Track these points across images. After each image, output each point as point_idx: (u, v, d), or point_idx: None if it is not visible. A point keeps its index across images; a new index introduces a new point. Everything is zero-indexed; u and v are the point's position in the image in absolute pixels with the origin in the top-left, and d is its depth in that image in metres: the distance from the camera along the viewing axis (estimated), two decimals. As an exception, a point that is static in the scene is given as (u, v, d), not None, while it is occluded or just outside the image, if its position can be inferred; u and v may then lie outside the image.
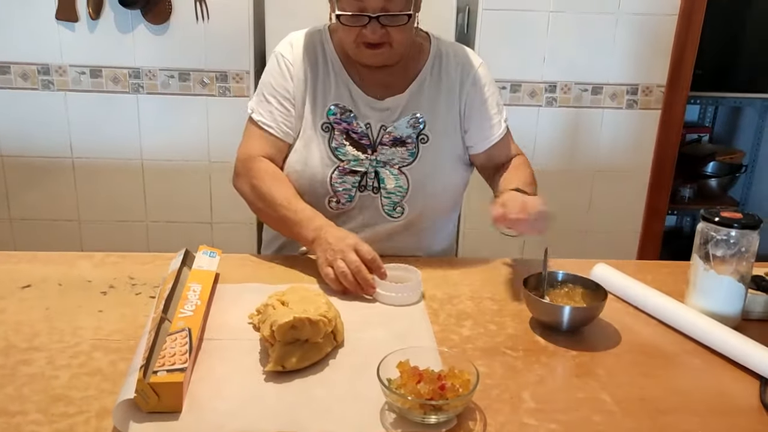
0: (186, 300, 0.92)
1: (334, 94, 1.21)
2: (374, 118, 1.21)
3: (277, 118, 1.21)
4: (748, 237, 0.92)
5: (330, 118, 1.21)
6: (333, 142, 1.21)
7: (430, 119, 1.22)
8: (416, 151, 1.22)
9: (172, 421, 0.73)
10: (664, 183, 2.33)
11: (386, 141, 1.21)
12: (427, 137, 1.22)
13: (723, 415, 0.78)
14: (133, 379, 0.73)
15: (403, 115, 1.21)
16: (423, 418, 0.74)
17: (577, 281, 1.00)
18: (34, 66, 2.10)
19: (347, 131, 1.21)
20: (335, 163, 1.21)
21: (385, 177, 1.22)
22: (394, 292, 1.01)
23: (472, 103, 1.25)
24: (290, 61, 1.22)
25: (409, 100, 1.22)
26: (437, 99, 1.23)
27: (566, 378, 0.85)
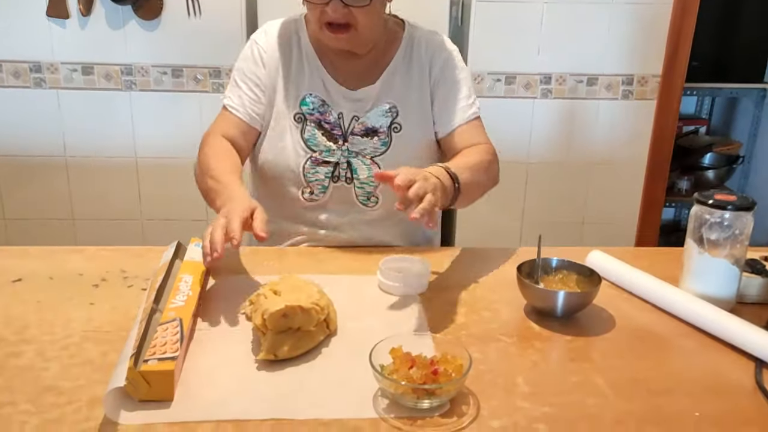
0: (177, 291, 0.91)
1: (308, 84, 1.20)
2: (347, 109, 1.20)
3: (245, 102, 1.20)
4: (743, 219, 0.91)
5: (303, 109, 1.20)
6: (305, 132, 1.20)
7: (402, 108, 1.21)
8: (388, 140, 1.20)
9: (163, 410, 0.72)
10: (661, 173, 2.32)
11: (357, 131, 1.20)
12: (399, 126, 1.21)
13: (717, 396, 0.77)
14: (123, 367, 0.72)
15: (375, 106, 1.20)
16: (416, 403, 0.73)
17: (572, 267, 1.00)
18: (25, 64, 2.09)
19: (320, 121, 1.20)
20: (308, 153, 1.20)
21: (357, 167, 1.21)
22: (399, 282, 1.01)
23: (440, 85, 1.22)
24: (263, 48, 1.21)
25: (381, 90, 1.20)
26: (409, 86, 1.21)
27: (560, 362, 0.84)
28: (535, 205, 2.31)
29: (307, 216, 1.25)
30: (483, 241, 2.24)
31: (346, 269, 1.10)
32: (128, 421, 0.70)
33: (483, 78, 2.18)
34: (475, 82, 2.18)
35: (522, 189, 2.29)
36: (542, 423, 0.72)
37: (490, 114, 2.26)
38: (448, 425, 0.71)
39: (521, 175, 2.28)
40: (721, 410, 0.74)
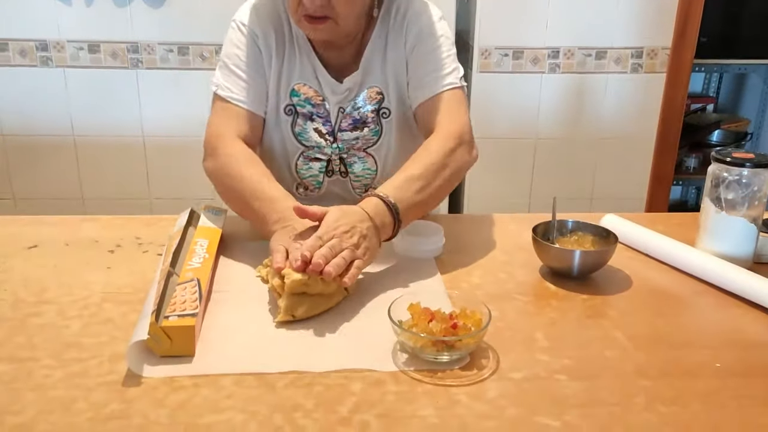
0: (193, 253, 0.92)
1: (298, 71, 1.11)
2: (333, 101, 1.12)
3: (245, 90, 1.08)
4: (761, 176, 0.91)
5: (293, 100, 1.11)
6: (296, 126, 1.13)
7: (387, 91, 1.12)
8: (379, 128, 1.13)
9: (185, 364, 0.73)
10: (670, 148, 2.31)
11: (345, 126, 1.12)
12: (388, 111, 1.12)
13: (736, 349, 0.77)
14: (144, 323, 0.73)
15: (359, 93, 1.12)
16: (435, 356, 0.73)
17: (587, 229, 0.99)
18: (32, 42, 2.08)
19: (311, 115, 1.12)
20: (299, 148, 1.14)
21: (351, 162, 1.15)
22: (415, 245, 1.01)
23: (412, 56, 1.10)
24: (256, 32, 1.09)
25: (364, 75, 1.11)
26: (388, 65, 1.11)
27: (578, 319, 0.84)
28: (543, 180, 2.30)
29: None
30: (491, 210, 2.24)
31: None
32: (151, 374, 0.70)
33: (490, 53, 2.16)
34: (483, 58, 2.17)
35: (530, 164, 2.29)
36: (562, 374, 0.72)
37: (497, 89, 2.27)
38: (469, 377, 0.71)
39: (529, 150, 2.27)
40: (741, 362, 0.74)
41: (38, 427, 0.62)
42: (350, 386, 0.69)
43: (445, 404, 0.67)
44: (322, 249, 0.83)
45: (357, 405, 0.66)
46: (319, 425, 0.63)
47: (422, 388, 0.69)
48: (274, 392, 0.68)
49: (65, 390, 0.68)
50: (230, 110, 1.08)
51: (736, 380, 0.71)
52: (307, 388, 0.69)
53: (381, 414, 0.65)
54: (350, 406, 0.66)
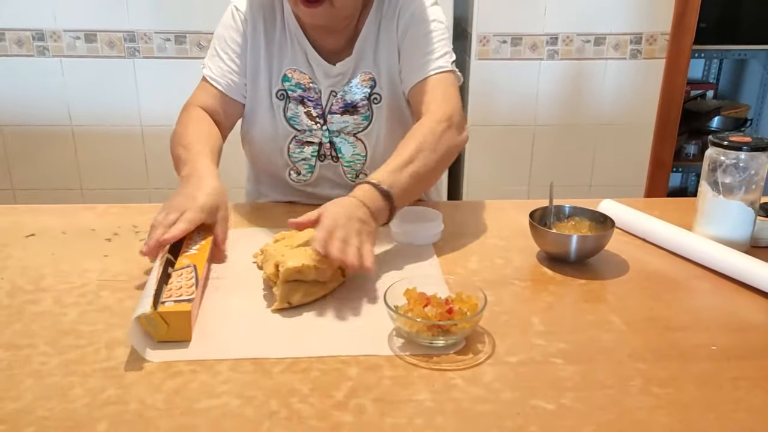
0: (190, 240, 0.92)
1: (290, 58, 1.12)
2: (325, 85, 1.13)
3: (226, 73, 1.12)
4: (758, 160, 0.91)
5: (285, 85, 1.13)
6: (288, 111, 1.14)
7: (379, 76, 1.12)
8: (370, 114, 1.13)
9: (182, 349, 0.73)
10: (669, 134, 2.31)
11: (336, 109, 1.13)
12: (379, 97, 1.13)
13: (733, 331, 0.77)
14: (143, 304, 0.73)
15: (352, 78, 1.12)
16: (431, 340, 0.73)
17: (584, 214, 0.99)
18: (28, 32, 2.07)
19: (302, 99, 1.13)
20: (291, 133, 1.15)
21: (341, 146, 1.15)
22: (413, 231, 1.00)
23: (405, 41, 1.10)
24: (246, 17, 1.11)
25: (357, 60, 1.12)
26: (381, 51, 1.12)
27: (575, 303, 0.85)
28: (542, 167, 2.30)
29: (297, 192, 1.21)
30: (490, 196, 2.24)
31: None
32: (149, 358, 0.71)
33: (489, 40, 2.15)
34: (481, 45, 2.16)
35: (529, 152, 2.28)
36: (559, 358, 0.72)
37: (496, 77, 2.25)
38: (465, 361, 0.71)
39: (528, 137, 2.26)
40: (738, 344, 0.75)
41: (36, 413, 0.63)
42: (346, 371, 0.69)
43: (440, 388, 0.67)
44: (336, 243, 0.83)
45: (353, 389, 0.66)
46: (315, 409, 0.63)
47: (418, 372, 0.69)
48: (271, 377, 0.68)
49: (62, 376, 0.68)
50: (207, 89, 1.14)
51: (731, 363, 0.71)
52: (304, 374, 0.69)
53: (377, 398, 0.65)
54: (346, 391, 0.66)
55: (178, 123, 1.12)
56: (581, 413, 0.63)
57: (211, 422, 0.62)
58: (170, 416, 0.62)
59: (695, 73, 3.00)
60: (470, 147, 2.29)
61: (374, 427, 0.61)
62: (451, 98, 1.09)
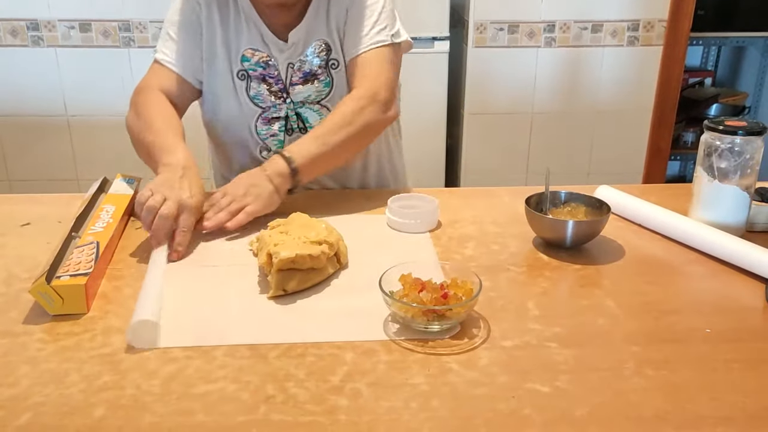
0: (98, 218, 0.95)
1: (246, 37, 1.13)
2: (281, 59, 1.13)
3: (181, 56, 1.12)
4: (753, 144, 0.91)
5: (244, 65, 1.13)
6: (251, 90, 1.14)
7: (333, 43, 1.13)
8: (330, 80, 1.14)
9: (178, 335, 0.73)
10: (667, 122, 2.31)
11: (296, 80, 1.14)
12: (336, 62, 1.14)
13: (728, 314, 0.78)
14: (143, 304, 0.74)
15: (306, 47, 1.13)
16: (426, 325, 0.74)
17: (580, 200, 0.99)
18: (22, 22, 2.06)
19: (263, 77, 1.14)
20: (256, 111, 1.15)
21: (307, 116, 1.16)
22: (408, 219, 1.01)
23: (351, 8, 1.12)
24: (200, 2, 1.12)
25: (308, 30, 1.13)
26: (331, 19, 1.13)
27: (570, 288, 0.85)
28: (539, 155, 2.30)
29: None
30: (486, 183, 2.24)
31: (354, 210, 1.10)
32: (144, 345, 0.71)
33: (486, 27, 2.14)
34: (478, 32, 2.15)
35: (526, 139, 2.28)
36: (554, 342, 0.72)
37: (493, 64, 2.25)
38: (460, 345, 0.72)
39: (525, 125, 2.26)
40: (732, 328, 0.75)
41: (32, 399, 0.63)
42: (342, 356, 0.69)
43: (436, 372, 0.67)
44: (220, 214, 0.97)
45: (349, 374, 0.67)
46: (310, 393, 0.64)
47: (413, 357, 0.70)
48: (267, 362, 0.68)
49: (58, 363, 0.68)
50: (161, 71, 1.14)
51: (726, 345, 0.71)
52: (299, 359, 0.69)
53: (372, 382, 0.65)
54: (342, 375, 0.66)
55: (137, 106, 1.10)
56: (575, 395, 0.63)
57: (208, 407, 0.62)
58: (167, 401, 0.62)
59: (693, 61, 2.99)
60: (467, 135, 2.29)
61: (370, 411, 0.61)
62: (381, 74, 1.12)
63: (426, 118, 2.21)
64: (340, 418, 0.60)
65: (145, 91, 1.12)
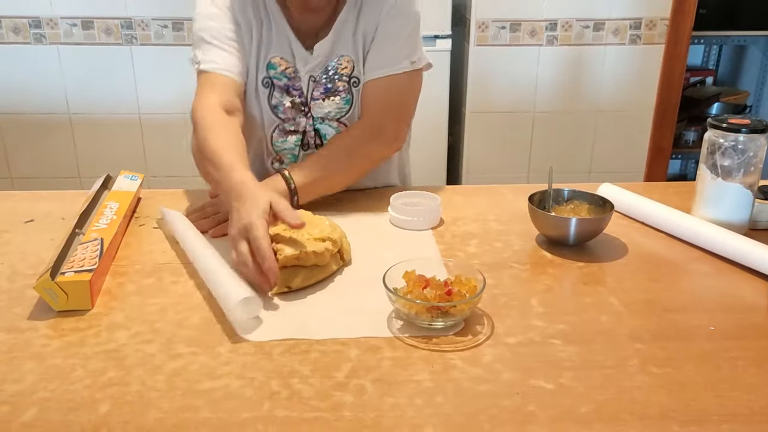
0: (101, 215, 0.95)
1: (275, 45, 1.09)
2: (304, 71, 1.11)
3: (232, 61, 1.07)
4: (757, 142, 0.91)
5: (270, 73, 1.10)
6: (273, 99, 1.11)
7: (357, 59, 1.11)
8: (350, 97, 1.12)
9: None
10: (669, 121, 2.30)
11: (317, 95, 1.11)
12: (358, 80, 1.11)
13: (730, 312, 0.78)
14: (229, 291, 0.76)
15: (330, 61, 1.10)
16: (430, 322, 0.74)
17: (583, 197, 0.99)
18: (25, 19, 2.06)
19: (287, 88, 1.11)
20: (275, 121, 1.13)
21: (326, 133, 1.14)
22: (411, 216, 1.01)
23: (378, 32, 1.09)
24: (234, 6, 1.08)
25: (334, 43, 1.10)
26: (359, 35, 1.10)
27: (574, 285, 0.85)
28: (541, 154, 2.30)
29: None
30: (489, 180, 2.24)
31: (357, 207, 1.10)
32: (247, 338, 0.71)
33: (487, 26, 2.14)
34: (480, 31, 2.15)
35: (528, 138, 2.28)
36: (557, 339, 0.72)
37: (495, 63, 2.25)
38: (464, 342, 0.72)
39: (527, 124, 2.26)
40: (736, 325, 0.75)
41: (37, 395, 0.63)
42: (346, 353, 0.70)
43: (440, 369, 0.67)
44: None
45: (353, 370, 0.67)
46: (315, 390, 0.64)
47: (418, 353, 0.70)
48: (271, 359, 0.68)
49: (63, 359, 0.68)
50: (215, 81, 1.06)
51: (729, 343, 0.71)
52: (304, 355, 0.69)
53: (377, 379, 0.65)
54: (346, 372, 0.66)
55: (196, 130, 1.01)
56: (580, 392, 0.63)
57: (212, 403, 0.62)
58: (171, 397, 0.63)
59: (695, 60, 2.99)
60: (469, 133, 2.29)
61: (374, 407, 0.61)
62: (391, 105, 1.11)
63: (428, 116, 2.21)
64: (344, 414, 0.61)
65: (203, 118, 1.01)
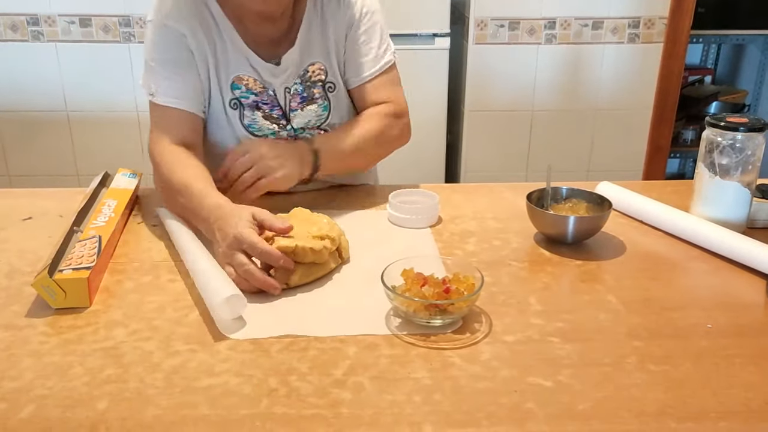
0: (99, 213, 0.96)
1: (234, 65, 1.07)
2: (276, 83, 1.09)
3: (185, 92, 1.04)
4: (755, 140, 0.91)
5: (235, 93, 1.08)
6: (245, 119, 1.09)
7: (329, 64, 1.10)
8: (327, 103, 1.12)
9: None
10: (667, 119, 2.31)
11: (295, 105, 1.10)
12: (333, 85, 1.12)
13: (728, 310, 0.78)
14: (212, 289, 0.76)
15: (301, 69, 1.09)
16: (428, 320, 0.74)
17: (581, 196, 0.99)
18: (23, 17, 2.06)
19: (256, 104, 1.09)
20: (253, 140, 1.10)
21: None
22: (409, 214, 1.01)
23: (353, 30, 1.09)
24: (184, 32, 1.03)
25: (302, 51, 1.09)
26: (327, 38, 1.09)
27: (572, 283, 0.85)
28: (539, 153, 2.30)
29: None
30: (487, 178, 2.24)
31: (355, 205, 1.10)
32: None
33: (486, 24, 2.14)
34: (478, 29, 2.15)
35: (527, 137, 2.28)
36: (556, 337, 0.72)
37: (493, 61, 2.25)
38: (462, 340, 0.72)
39: (526, 122, 2.26)
40: (733, 323, 0.75)
41: (35, 391, 0.63)
42: (345, 350, 0.70)
43: (438, 366, 0.67)
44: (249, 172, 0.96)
45: (351, 368, 0.67)
46: (313, 387, 0.64)
47: (416, 351, 0.70)
48: (269, 356, 0.68)
49: (61, 356, 0.68)
50: (170, 115, 1.04)
51: (726, 340, 0.72)
52: (302, 353, 0.69)
53: (375, 376, 0.65)
54: (345, 369, 0.66)
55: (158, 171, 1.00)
56: (577, 390, 0.63)
57: (211, 400, 0.62)
58: (170, 394, 0.63)
59: (693, 59, 2.99)
60: (468, 132, 2.29)
61: (372, 404, 0.61)
62: (401, 96, 1.16)
63: (426, 114, 2.21)
64: (342, 411, 0.61)
65: (161, 155, 1.01)
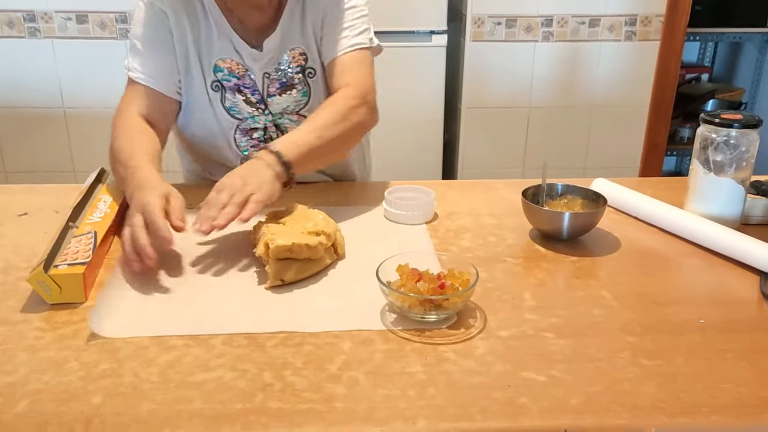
0: (95, 209, 0.96)
1: (218, 47, 1.09)
2: (256, 68, 1.11)
3: (157, 72, 1.06)
4: (749, 137, 0.91)
5: (218, 76, 1.09)
6: (226, 101, 1.11)
7: (309, 50, 1.12)
8: (307, 89, 1.13)
9: (176, 323, 0.73)
10: (664, 117, 2.31)
11: (274, 91, 1.12)
12: (313, 71, 1.13)
13: (723, 306, 0.78)
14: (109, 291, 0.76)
15: (281, 55, 1.11)
16: (423, 315, 0.74)
17: (576, 192, 1.00)
18: (19, 13, 2.05)
19: (238, 87, 1.11)
20: (234, 122, 1.13)
21: (286, 127, 1.14)
22: (405, 210, 1.01)
23: (327, 13, 1.10)
24: (164, 11, 1.06)
25: (283, 37, 1.10)
26: (307, 24, 1.11)
27: (567, 279, 0.85)
28: (536, 150, 2.30)
29: None
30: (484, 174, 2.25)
31: (351, 201, 1.10)
32: (142, 333, 0.71)
33: (483, 22, 2.14)
34: (475, 27, 2.15)
35: (523, 134, 2.28)
36: (550, 332, 0.73)
37: (490, 58, 2.25)
38: (457, 335, 0.72)
39: (522, 120, 2.27)
40: (726, 318, 0.76)
41: (30, 386, 0.63)
42: (339, 345, 0.70)
43: (433, 361, 0.67)
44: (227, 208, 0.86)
45: (346, 363, 0.67)
46: (308, 381, 0.64)
47: (410, 346, 0.70)
48: (264, 351, 0.69)
49: (57, 351, 0.68)
50: (138, 90, 1.07)
51: (719, 336, 0.72)
52: (297, 348, 0.69)
53: (370, 371, 0.66)
54: (339, 364, 0.67)
55: (113, 136, 1.03)
56: (571, 384, 0.64)
57: (206, 394, 0.62)
58: (165, 389, 0.63)
59: (690, 57, 3.00)
60: (465, 128, 2.29)
61: (367, 399, 0.62)
62: (367, 77, 1.11)
63: (423, 112, 2.21)
64: (337, 405, 0.61)
65: (121, 118, 1.05)
